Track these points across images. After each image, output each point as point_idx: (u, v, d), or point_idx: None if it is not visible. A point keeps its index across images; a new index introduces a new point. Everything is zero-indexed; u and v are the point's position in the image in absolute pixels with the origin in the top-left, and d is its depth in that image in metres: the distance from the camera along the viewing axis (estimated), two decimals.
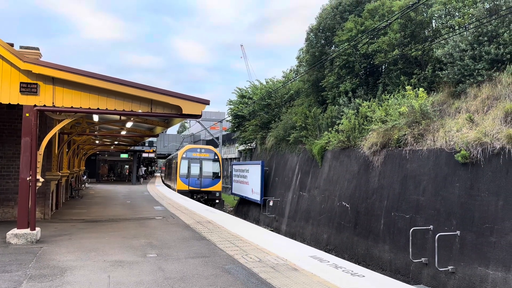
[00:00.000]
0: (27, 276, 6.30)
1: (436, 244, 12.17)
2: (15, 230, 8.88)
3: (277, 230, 23.84)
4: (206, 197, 28.60)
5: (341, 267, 6.91)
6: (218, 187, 29.63)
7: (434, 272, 12.53)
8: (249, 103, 34.46)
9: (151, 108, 9.72)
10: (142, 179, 46.74)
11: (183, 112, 9.64)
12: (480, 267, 11.25)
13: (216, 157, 30.55)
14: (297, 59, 31.87)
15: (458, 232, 12.11)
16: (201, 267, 6.99)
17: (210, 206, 22.46)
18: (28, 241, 8.80)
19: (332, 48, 25.01)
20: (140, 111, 9.67)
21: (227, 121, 42.94)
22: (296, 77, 31.00)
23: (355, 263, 7.34)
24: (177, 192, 28.03)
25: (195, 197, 27.42)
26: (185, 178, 29.07)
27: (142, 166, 52.34)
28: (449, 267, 12.01)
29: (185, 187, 28.65)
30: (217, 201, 28.95)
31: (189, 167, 29.41)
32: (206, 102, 9.76)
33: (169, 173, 40.13)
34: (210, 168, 29.97)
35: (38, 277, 6.26)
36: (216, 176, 29.98)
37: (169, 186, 36.30)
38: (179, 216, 13.84)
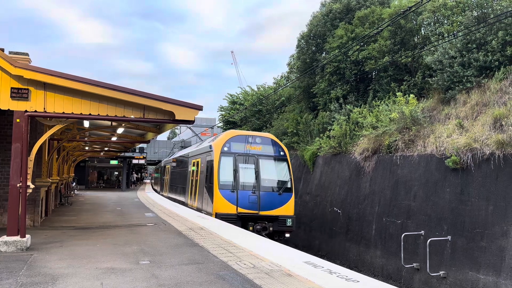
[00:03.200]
0: (18, 284, 6.19)
1: (427, 249, 12.26)
2: (4, 238, 8.73)
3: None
4: (270, 228, 15.21)
5: (335, 272, 6.92)
6: (289, 208, 15.80)
7: (426, 277, 12.60)
8: (240, 109, 34.51)
9: (143, 113, 9.67)
10: (133, 185, 46.74)
11: (176, 118, 9.60)
12: (471, 271, 11.34)
13: (281, 152, 16.81)
14: (288, 66, 32.09)
15: (449, 237, 12.21)
16: (195, 273, 6.94)
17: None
18: (18, 249, 8.66)
19: (323, 54, 25.21)
20: (132, 116, 9.62)
21: (218, 127, 42.92)
22: (287, 83, 31.16)
23: (347, 269, 7.35)
24: (215, 216, 15.18)
25: (251, 227, 14.90)
26: (230, 192, 15.55)
27: (133, 173, 52.26)
28: (441, 272, 12.09)
29: (230, 209, 15.26)
30: (287, 235, 15.66)
31: (236, 171, 15.81)
32: (199, 108, 9.75)
33: (182, 182, 23.64)
34: (274, 172, 16.50)
35: (29, 284, 6.15)
36: (285, 187, 16.06)
37: (183, 204, 21.73)
38: (171, 223, 13.74)
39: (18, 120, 8.76)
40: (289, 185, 16.18)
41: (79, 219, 15.13)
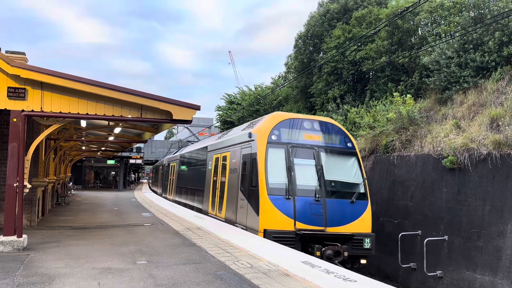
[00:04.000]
0: (15, 284, 6.17)
1: (424, 249, 12.29)
2: (1, 237, 8.69)
3: None
4: (345, 253, 10.65)
5: (332, 272, 6.92)
6: (365, 223, 11.64)
7: (422, 277, 12.64)
8: (237, 109, 34.50)
9: (141, 113, 9.65)
10: (132, 184, 46.80)
11: (174, 118, 9.58)
12: (468, 271, 11.38)
13: (348, 143, 12.53)
14: (286, 66, 32.12)
15: (446, 237, 12.25)
16: (192, 273, 6.93)
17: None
18: (14, 249, 8.62)
19: (321, 54, 25.24)
20: (129, 116, 9.59)
21: (215, 127, 42.89)
22: (284, 83, 31.17)
23: (345, 269, 7.36)
24: (264, 235, 10.85)
25: (318, 252, 10.52)
26: (283, 199, 11.10)
27: (131, 173, 52.36)
28: (438, 272, 12.13)
29: (284, 224, 10.88)
30: (363, 261, 11.33)
31: (290, 170, 11.42)
32: (197, 108, 9.73)
33: (196, 183, 19.09)
34: (341, 171, 12.18)
35: (26, 285, 6.13)
36: (358, 193, 11.75)
37: (199, 211, 17.50)
38: (168, 223, 13.72)
39: (15, 120, 8.72)
40: (362, 189, 11.73)
41: (76, 219, 15.09)
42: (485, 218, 11.33)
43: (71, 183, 35.61)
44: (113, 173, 55.28)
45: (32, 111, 8.86)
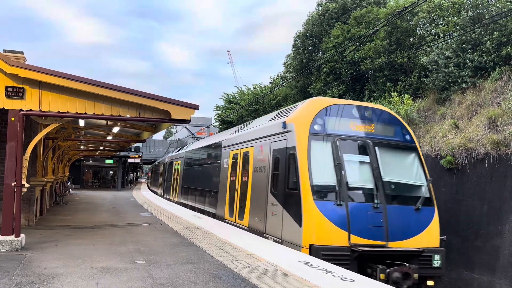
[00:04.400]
0: (13, 283, 6.16)
1: None
2: None
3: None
4: (414, 275, 8.19)
5: (331, 272, 6.93)
6: (432, 235, 9.30)
7: None
8: (236, 108, 34.49)
9: (139, 113, 9.64)
10: (130, 184, 46.93)
11: (172, 117, 9.57)
12: (465, 271, 11.41)
13: (407, 135, 10.22)
14: (284, 65, 32.13)
15: (444, 237, 12.26)
16: (190, 273, 6.93)
17: None
18: (12, 248, 8.61)
19: (319, 54, 25.26)
20: (128, 116, 9.58)
21: (214, 126, 42.87)
22: (283, 83, 31.18)
23: (343, 268, 7.37)
24: (310, 252, 8.50)
25: (382, 275, 8.10)
26: (334, 206, 8.74)
27: (130, 172, 52.51)
28: None
29: (336, 238, 8.49)
30: (430, 283, 8.88)
31: (340, 168, 9.00)
32: (195, 107, 9.73)
33: (208, 184, 17.08)
34: (401, 170, 9.87)
35: (24, 284, 6.12)
36: (423, 197, 9.41)
37: (212, 216, 15.56)
38: (167, 222, 13.72)
39: (13, 119, 8.70)
40: (427, 193, 9.52)
41: (74, 219, 15.07)
42: (483, 218, 11.36)
43: (69, 183, 35.57)
44: (111, 172, 55.25)
45: (30, 110, 8.84)
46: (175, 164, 26.34)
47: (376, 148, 9.50)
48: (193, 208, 19.03)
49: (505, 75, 13.68)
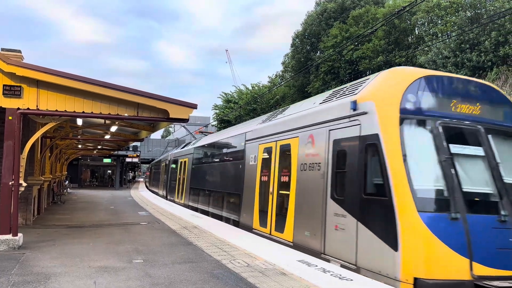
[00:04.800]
0: (10, 282, 6.14)
1: None
2: None
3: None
4: None
5: (329, 271, 6.93)
6: None
7: None
8: (234, 107, 34.49)
9: (137, 112, 9.63)
10: (129, 183, 47.18)
11: (170, 116, 9.57)
12: None
13: None
14: (283, 65, 32.15)
15: None
16: (188, 272, 6.92)
17: None
18: (10, 247, 8.59)
19: (318, 54, 25.27)
20: (126, 115, 9.57)
21: (212, 125, 42.85)
22: (281, 82, 31.19)
23: (341, 268, 7.38)
24: None
25: None
26: (448, 221, 5.99)
27: (129, 171, 52.79)
28: None
29: (453, 267, 5.77)
30: None
31: (448, 166, 6.32)
32: (194, 106, 9.73)
33: (224, 185, 15.16)
34: None
35: (21, 283, 6.10)
36: None
37: (231, 222, 13.58)
38: (165, 222, 13.71)
39: (10, 118, 8.68)
40: None
41: (72, 218, 15.04)
42: None
43: (67, 182, 35.50)
44: (109, 171, 55.17)
45: (28, 109, 8.82)
46: (181, 162, 23.52)
47: (489, 136, 6.97)
48: (205, 212, 16.74)
49: (503, 75, 13.71)
